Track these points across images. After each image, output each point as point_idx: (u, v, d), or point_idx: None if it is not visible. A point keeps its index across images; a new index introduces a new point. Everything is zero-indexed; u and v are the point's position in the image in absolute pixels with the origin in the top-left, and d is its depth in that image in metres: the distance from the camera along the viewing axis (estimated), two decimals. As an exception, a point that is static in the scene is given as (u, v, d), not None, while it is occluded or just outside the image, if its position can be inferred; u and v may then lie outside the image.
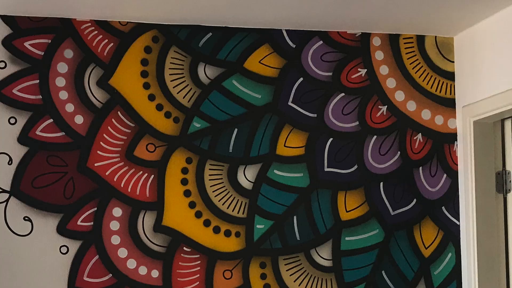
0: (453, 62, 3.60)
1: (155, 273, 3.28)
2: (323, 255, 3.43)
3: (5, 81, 3.20)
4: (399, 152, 3.52)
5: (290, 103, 3.44)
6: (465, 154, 3.49)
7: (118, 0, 3.07)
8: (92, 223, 3.24)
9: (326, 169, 3.46)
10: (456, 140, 3.57)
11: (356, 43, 3.52)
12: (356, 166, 3.48)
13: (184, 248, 3.31)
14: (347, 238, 3.46)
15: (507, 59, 3.19)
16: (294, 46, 3.46)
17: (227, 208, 3.36)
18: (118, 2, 3.10)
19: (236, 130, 3.39)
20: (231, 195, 3.37)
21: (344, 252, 3.45)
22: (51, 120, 3.23)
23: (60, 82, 3.25)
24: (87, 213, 3.24)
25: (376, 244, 3.48)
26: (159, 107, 3.33)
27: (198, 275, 3.32)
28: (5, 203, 3.16)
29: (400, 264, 3.50)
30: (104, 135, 3.28)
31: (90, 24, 3.29)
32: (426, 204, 3.54)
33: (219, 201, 3.36)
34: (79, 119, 3.26)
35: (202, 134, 3.36)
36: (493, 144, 3.45)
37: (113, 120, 3.29)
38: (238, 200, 3.37)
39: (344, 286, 3.44)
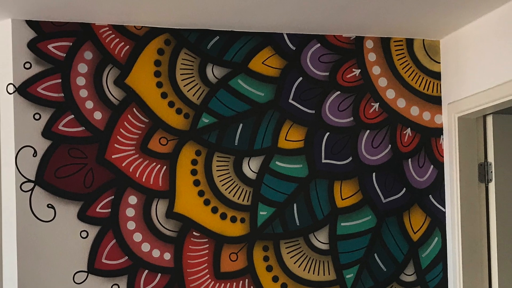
0: (439, 63, 3.64)
1: (167, 256, 3.34)
2: (320, 239, 3.49)
3: (30, 81, 3.22)
4: (390, 145, 3.59)
5: (290, 101, 3.50)
6: (450, 147, 3.55)
7: (134, 6, 3.10)
8: (109, 210, 3.29)
9: (324, 161, 3.51)
10: (442, 134, 3.62)
11: (351, 45, 3.56)
12: (350, 158, 3.54)
13: (194, 233, 3.37)
14: (342, 224, 3.52)
15: (489, 60, 3.24)
16: (294, 48, 3.50)
17: (233, 196, 3.42)
18: (133, 8, 3.13)
19: (241, 125, 3.44)
20: (237, 184, 3.43)
21: (339, 237, 3.51)
22: (72, 116, 3.27)
23: (81, 81, 3.29)
24: (105, 201, 3.29)
25: (369, 229, 3.54)
26: (171, 104, 3.38)
27: (206, 258, 3.38)
28: (30, 191, 3.20)
29: (391, 247, 3.56)
30: (121, 129, 3.32)
31: (108, 28, 3.32)
32: (414, 193, 3.59)
33: (225, 190, 3.41)
34: (98, 115, 3.30)
35: (210, 129, 3.41)
36: (476, 138, 3.51)
37: (129, 116, 3.33)
38: (243, 189, 3.43)
39: (339, 267, 3.50)
